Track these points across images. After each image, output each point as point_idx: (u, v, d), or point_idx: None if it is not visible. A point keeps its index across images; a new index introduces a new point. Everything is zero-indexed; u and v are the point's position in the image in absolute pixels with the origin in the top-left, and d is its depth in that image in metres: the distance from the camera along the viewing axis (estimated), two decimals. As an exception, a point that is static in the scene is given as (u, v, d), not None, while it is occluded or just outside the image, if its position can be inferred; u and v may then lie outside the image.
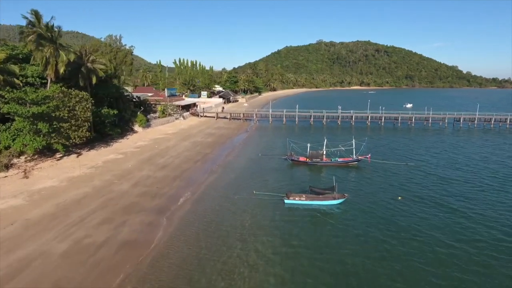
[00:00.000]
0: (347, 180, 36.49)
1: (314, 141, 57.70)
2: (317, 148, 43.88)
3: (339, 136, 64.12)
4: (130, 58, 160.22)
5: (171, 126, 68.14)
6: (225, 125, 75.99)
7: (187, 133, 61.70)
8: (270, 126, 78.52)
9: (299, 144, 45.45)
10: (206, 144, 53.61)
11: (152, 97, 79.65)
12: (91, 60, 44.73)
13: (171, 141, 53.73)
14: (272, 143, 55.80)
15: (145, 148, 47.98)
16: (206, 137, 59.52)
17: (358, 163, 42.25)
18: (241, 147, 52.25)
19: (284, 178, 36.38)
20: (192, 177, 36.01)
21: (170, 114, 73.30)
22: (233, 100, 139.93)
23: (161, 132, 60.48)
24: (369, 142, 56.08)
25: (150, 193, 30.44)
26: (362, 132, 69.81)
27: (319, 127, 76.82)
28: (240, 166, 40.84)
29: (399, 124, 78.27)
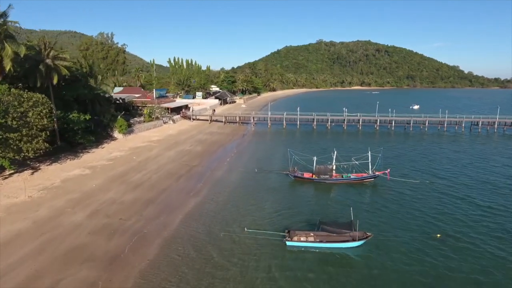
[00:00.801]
0: (364, 204, 29.16)
1: (318, 149, 50.57)
2: (325, 162, 36.47)
3: (345, 142, 56.81)
4: (123, 56, 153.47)
5: (157, 131, 60.73)
6: (219, 129, 68.64)
7: (174, 140, 54.31)
8: (268, 130, 71.20)
9: (302, 156, 38.05)
10: (195, 153, 46.24)
11: (139, 99, 72.31)
12: (52, 55, 37.24)
13: (154, 151, 46.34)
14: (271, 153, 48.41)
15: (120, 160, 40.58)
16: (195, 144, 52.14)
17: (374, 179, 34.96)
18: (235, 158, 44.88)
19: (285, 204, 28.96)
20: (170, 201, 28.63)
21: (158, 117, 65.93)
22: (230, 101, 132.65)
23: (144, 139, 53.08)
24: (378, 148, 48.88)
25: (110, 228, 23.08)
26: (370, 138, 62.51)
27: (322, 132, 69.50)
28: (231, 186, 33.44)
29: (411, 129, 70.97)
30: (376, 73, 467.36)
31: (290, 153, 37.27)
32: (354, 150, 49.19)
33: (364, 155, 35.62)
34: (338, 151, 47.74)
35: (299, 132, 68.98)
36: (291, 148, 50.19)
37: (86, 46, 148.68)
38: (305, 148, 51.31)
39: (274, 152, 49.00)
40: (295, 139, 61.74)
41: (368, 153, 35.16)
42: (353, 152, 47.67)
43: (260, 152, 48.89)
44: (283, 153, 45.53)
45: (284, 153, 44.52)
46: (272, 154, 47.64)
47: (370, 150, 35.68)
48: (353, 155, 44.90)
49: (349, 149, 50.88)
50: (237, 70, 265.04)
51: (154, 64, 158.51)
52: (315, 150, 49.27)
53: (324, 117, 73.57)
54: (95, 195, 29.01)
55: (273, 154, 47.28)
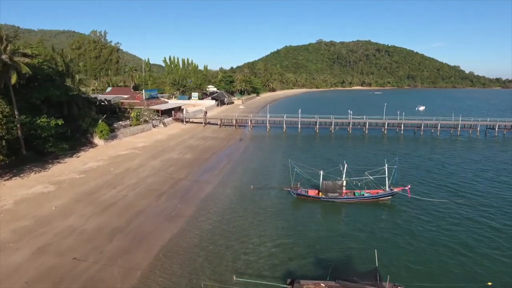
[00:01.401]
0: (385, 235, 23.62)
1: (323, 158, 45.09)
2: (333, 177, 30.92)
3: (351, 149, 51.24)
4: (116, 55, 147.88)
5: (144, 136, 55.17)
6: (214, 133, 63.10)
7: (162, 147, 48.77)
8: (267, 134, 65.67)
9: (306, 169, 32.51)
10: (183, 163, 40.71)
11: (127, 100, 66.74)
12: (9, 51, 31.59)
13: (136, 160, 40.79)
14: (270, 162, 42.83)
15: (94, 172, 35.02)
16: (185, 152, 46.60)
17: (392, 197, 29.49)
18: (228, 169, 39.33)
19: (287, 234, 23.40)
20: (143, 230, 23.06)
21: (146, 120, 60.36)
22: (228, 101, 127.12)
23: (128, 146, 47.54)
24: (393, 158, 43.39)
25: (56, 274, 17.56)
26: (378, 144, 57.01)
27: (326, 137, 64.00)
28: (221, 207, 27.87)
29: (422, 133, 65.46)
30: (376, 73, 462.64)
31: (292, 165, 31.68)
32: (362, 159, 43.86)
33: (380, 168, 30.09)
34: (345, 160, 42.54)
35: (300, 137, 63.44)
36: (292, 156, 44.90)
37: (78, 44, 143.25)
38: (308, 156, 45.86)
39: (273, 161, 43.45)
40: (296, 145, 56.21)
41: (385, 166, 29.61)
42: (361, 161, 42.52)
43: (257, 161, 43.33)
44: (284, 164, 40.07)
45: (285, 163, 39.13)
46: (270, 164, 42.06)
47: (386, 162, 30.14)
48: (363, 165, 39.47)
49: (357, 157, 45.44)
50: (236, 70, 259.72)
51: (149, 64, 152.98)
52: (319, 159, 43.92)
53: (328, 120, 68.05)
54: (51, 221, 23.45)
55: (272, 164, 41.69)
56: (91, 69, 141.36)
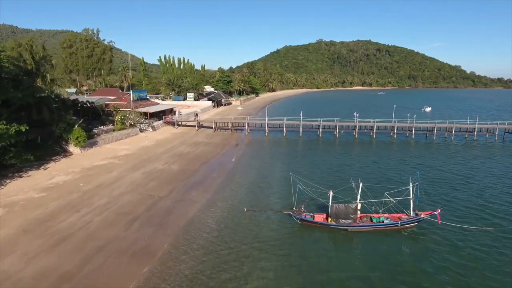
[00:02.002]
0: (409, 273, 18.06)
1: (327, 165, 39.58)
2: (342, 198, 25.40)
3: (357, 157, 45.66)
4: (109, 55, 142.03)
5: (129, 142, 49.61)
6: (207, 138, 57.55)
7: (147, 155, 43.22)
8: (266, 139, 60.11)
9: (311, 185, 26.98)
10: (167, 176, 35.15)
11: (113, 102, 61.20)
12: None
13: (114, 172, 35.22)
14: (268, 175, 37.22)
15: (59, 190, 29.44)
16: (172, 161, 41.06)
17: (418, 223, 23.98)
18: (219, 183, 33.76)
19: (287, 277, 17.92)
20: (99, 277, 17.49)
21: (133, 124, 54.77)
22: (226, 102, 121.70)
23: (107, 154, 42.00)
24: (409, 171, 37.89)
25: None
26: (387, 150, 51.46)
27: (330, 142, 58.47)
28: (205, 240, 22.18)
29: (434, 137, 59.94)
30: (377, 73, 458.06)
31: (294, 179, 26.14)
32: (375, 171, 38.32)
33: (403, 188, 24.55)
34: (353, 171, 36.93)
35: (302, 142, 57.87)
36: (294, 166, 39.41)
37: (70, 43, 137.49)
38: (312, 166, 40.33)
39: (271, 172, 37.85)
40: (298, 152, 50.63)
41: (409, 186, 24.06)
42: (374, 173, 37.01)
43: (253, 172, 37.71)
44: (284, 176, 34.56)
45: (285, 176, 33.67)
46: (269, 176, 36.45)
47: (403, 175, 24.62)
48: (377, 179, 34.03)
49: (367, 168, 39.90)
50: (235, 70, 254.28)
51: (144, 63, 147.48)
52: (325, 170, 38.38)
53: (332, 123, 62.48)
54: (-21, 265, 17.89)
55: (271, 177, 36.07)
56: (83, 68, 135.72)
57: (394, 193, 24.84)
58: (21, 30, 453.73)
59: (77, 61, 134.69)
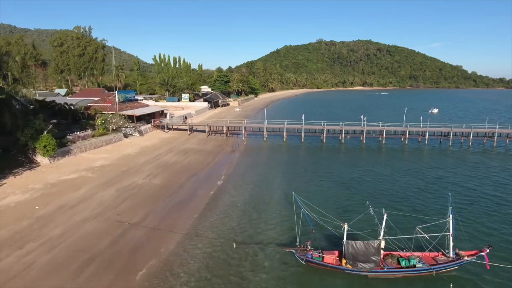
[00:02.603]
0: None
1: (334, 179, 33.86)
2: (359, 231, 19.83)
3: (367, 168, 40.00)
4: (102, 53, 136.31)
5: (109, 150, 44.02)
6: (199, 144, 51.97)
7: (127, 166, 37.62)
8: (264, 145, 54.54)
9: (317, 211, 21.43)
10: (146, 193, 29.60)
11: (96, 104, 55.61)
12: None
13: (82, 189, 29.63)
14: (265, 192, 31.54)
15: (5, 216, 23.78)
16: (155, 173, 35.49)
17: (459, 266, 18.44)
18: (207, 203, 28.19)
19: None
20: None
21: (116, 129, 49.14)
22: (223, 103, 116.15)
23: (81, 165, 36.39)
24: (433, 189, 32.38)
25: None
26: (401, 159, 45.86)
27: (335, 148, 52.95)
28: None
29: (450, 143, 54.36)
30: (378, 73, 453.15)
31: (296, 200, 20.61)
32: (391, 187, 32.70)
33: (439, 221, 19.02)
34: (367, 188, 31.38)
35: (304, 149, 52.31)
36: (296, 181, 33.82)
37: (61, 41, 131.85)
38: (316, 180, 34.76)
39: (269, 189, 32.22)
40: (300, 161, 45.02)
41: (449, 217, 18.49)
42: (391, 189, 31.34)
43: (248, 189, 32.05)
44: (285, 195, 29.04)
45: (286, 195, 28.21)
46: (266, 195, 30.74)
47: (434, 196, 19.14)
48: (397, 201, 28.41)
49: (382, 183, 34.30)
50: (234, 70, 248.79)
51: (138, 62, 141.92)
52: (332, 185, 32.79)
53: (337, 128, 56.89)
54: None
55: (268, 196, 30.39)
56: (74, 68, 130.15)
57: (427, 226, 19.27)
58: (19, 30, 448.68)
59: (69, 60, 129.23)
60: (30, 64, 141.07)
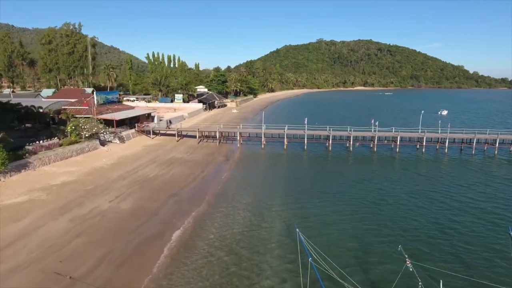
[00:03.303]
0: None
1: (344, 199, 27.00)
2: None
3: (381, 184, 33.29)
4: (93, 51, 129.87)
5: (80, 162, 37.42)
6: (187, 153, 45.43)
7: (95, 183, 31.04)
8: (262, 154, 48.05)
9: (331, 266, 14.91)
10: (109, 223, 23.06)
11: (71, 106, 49.04)
12: None
13: (27, 218, 23.03)
14: (261, 222, 24.89)
15: None
16: (128, 192, 28.94)
17: None
18: (184, 240, 21.67)
19: None
20: None
21: (90, 136, 42.51)
22: (219, 104, 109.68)
23: (36, 183, 29.80)
24: (480, 223, 25.80)
25: None
26: (420, 172, 39.19)
27: (342, 157, 46.48)
28: None
29: (473, 151, 47.84)
30: (378, 73, 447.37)
31: (301, 241, 14.19)
32: (424, 218, 25.97)
33: None
34: (391, 216, 24.76)
35: (307, 158, 45.79)
36: (299, 205, 27.12)
37: (49, 39, 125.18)
38: (325, 205, 28.14)
39: (266, 218, 25.54)
40: (303, 176, 38.29)
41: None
42: (424, 223, 24.17)
43: (238, 220, 25.35)
44: (285, 229, 22.52)
45: (287, 228, 21.72)
46: (261, 228, 24.01)
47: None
48: (437, 243, 21.72)
49: (408, 207, 27.71)
50: (232, 70, 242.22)
51: (131, 61, 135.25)
52: (345, 215, 26.00)
53: (344, 133, 50.36)
54: None
55: (264, 230, 23.67)
56: (63, 66, 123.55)
57: None
58: (17, 29, 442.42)
59: (57, 59, 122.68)
60: (17, 63, 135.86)
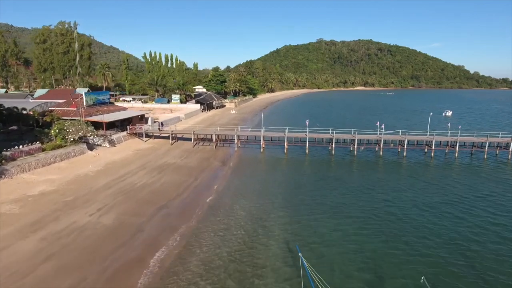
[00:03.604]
0: None
1: (350, 213, 23.36)
2: None
3: (391, 195, 30.40)
4: (88, 51, 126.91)
5: (63, 168, 34.55)
6: (181, 157, 42.56)
7: (77, 193, 28.17)
8: (261, 158, 45.22)
9: None
10: (86, 241, 20.23)
11: (59, 108, 46.17)
12: None
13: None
14: (256, 242, 22.05)
15: None
16: (112, 204, 26.09)
17: None
18: (170, 262, 18.83)
19: None
20: None
21: (77, 140, 39.62)
22: (218, 105, 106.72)
23: (11, 194, 26.90)
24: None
25: None
26: (431, 179, 36.28)
27: (346, 162, 43.67)
28: None
29: (485, 156, 45.02)
30: (379, 73, 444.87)
31: (305, 269, 11.39)
32: (439, 239, 23.07)
33: None
34: (406, 238, 21.69)
35: (309, 164, 42.93)
36: (301, 221, 24.09)
37: (43, 38, 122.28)
38: (331, 218, 25.27)
39: (264, 237, 22.69)
40: (305, 185, 35.36)
41: None
42: (448, 251, 20.96)
43: (233, 239, 22.47)
44: (287, 250, 19.67)
45: (290, 250, 18.83)
46: (258, 251, 21.26)
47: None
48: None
49: (426, 226, 24.87)
50: (231, 70, 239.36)
51: (127, 61, 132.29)
52: (356, 238, 23.00)
53: (348, 137, 47.54)
54: None
55: (262, 253, 20.82)
56: (58, 66, 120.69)
57: None
58: (16, 29, 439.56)
59: (52, 58, 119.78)
60: (12, 62, 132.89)
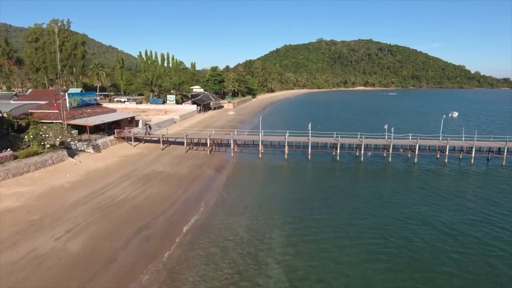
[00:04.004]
0: None
1: (360, 242, 19.03)
2: None
3: (405, 213, 26.47)
4: (82, 50, 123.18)
5: (36, 179, 30.72)
6: (171, 165, 38.75)
7: (45, 209, 24.37)
8: (260, 165, 41.43)
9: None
10: (44, 275, 16.44)
11: (39, 110, 42.38)
12: None
13: None
14: (256, 277, 18.38)
15: None
16: (84, 224, 22.33)
17: None
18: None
19: None
20: None
21: (56, 145, 35.83)
22: (215, 106, 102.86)
23: (-34, 213, 23.20)
24: None
25: None
26: (448, 191, 32.46)
27: (351, 169, 39.91)
28: None
29: (504, 162, 41.25)
30: (379, 72, 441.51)
31: None
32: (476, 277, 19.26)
33: None
34: (431, 274, 17.72)
35: (312, 172, 39.13)
36: (304, 250, 20.09)
37: (36, 36, 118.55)
38: (339, 243, 21.47)
39: (259, 270, 19.01)
40: (308, 198, 31.47)
41: None
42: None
43: (223, 272, 18.78)
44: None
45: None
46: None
47: None
48: None
49: (455, 261, 21.10)
50: (230, 69, 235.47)
51: (122, 60, 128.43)
52: (372, 271, 19.14)
53: (354, 141, 43.77)
54: None
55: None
56: (51, 66, 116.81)
57: None
58: (15, 28, 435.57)
59: (45, 58, 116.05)
60: (3, 62, 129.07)
